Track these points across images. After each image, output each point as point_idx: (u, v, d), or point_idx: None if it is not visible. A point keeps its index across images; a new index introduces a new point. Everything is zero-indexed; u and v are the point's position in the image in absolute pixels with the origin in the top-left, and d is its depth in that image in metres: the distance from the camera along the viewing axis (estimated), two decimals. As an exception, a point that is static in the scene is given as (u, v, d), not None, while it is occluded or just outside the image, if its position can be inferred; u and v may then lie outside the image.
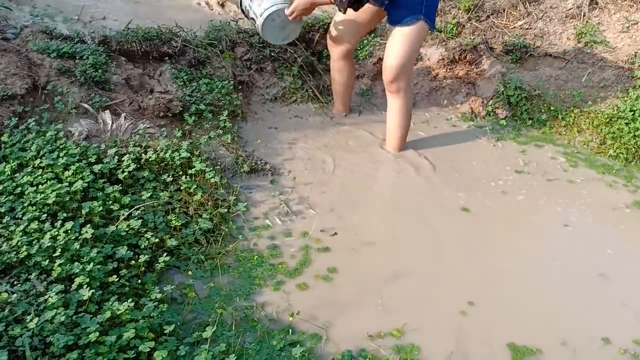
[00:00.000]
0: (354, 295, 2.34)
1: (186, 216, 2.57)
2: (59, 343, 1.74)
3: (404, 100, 3.19)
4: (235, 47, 3.73)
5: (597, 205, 3.08)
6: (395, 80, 3.11)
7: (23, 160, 2.59)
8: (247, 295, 2.28)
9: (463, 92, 4.00)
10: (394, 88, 3.15)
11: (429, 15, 2.96)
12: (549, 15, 4.25)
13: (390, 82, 3.13)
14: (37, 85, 2.98)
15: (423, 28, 2.98)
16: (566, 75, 3.95)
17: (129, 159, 2.67)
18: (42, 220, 2.26)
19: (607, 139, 3.61)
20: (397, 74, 3.08)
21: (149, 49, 3.48)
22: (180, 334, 2.01)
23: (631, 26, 4.10)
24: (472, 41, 4.02)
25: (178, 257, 2.39)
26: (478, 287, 2.44)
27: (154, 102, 3.09)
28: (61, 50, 3.14)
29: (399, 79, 3.11)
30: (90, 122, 2.92)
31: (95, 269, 2.05)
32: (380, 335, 2.15)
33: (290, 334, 2.11)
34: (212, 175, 2.75)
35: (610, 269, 2.62)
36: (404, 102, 3.19)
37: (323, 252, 2.56)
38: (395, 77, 3.10)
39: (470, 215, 2.90)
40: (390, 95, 3.21)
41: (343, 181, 3.06)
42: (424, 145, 3.46)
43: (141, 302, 2.02)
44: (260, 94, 3.72)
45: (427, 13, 2.95)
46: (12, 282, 2.01)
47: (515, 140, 3.65)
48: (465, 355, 2.11)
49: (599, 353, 2.19)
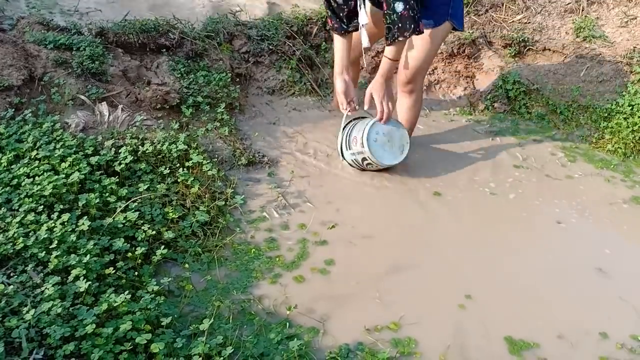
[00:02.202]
0: (352, 288, 2.34)
1: (183, 208, 2.56)
2: (56, 335, 1.73)
3: (416, 99, 3.13)
4: (233, 40, 3.71)
5: (594, 201, 3.08)
6: (412, 82, 3.02)
7: (19, 151, 2.58)
8: (244, 288, 2.27)
9: (461, 86, 3.99)
10: (408, 89, 3.06)
11: (455, 15, 2.88)
12: (547, 10, 4.24)
13: (407, 83, 3.03)
14: (33, 76, 2.97)
15: (448, 28, 2.92)
16: (565, 69, 3.94)
17: (126, 151, 2.66)
18: (39, 212, 2.26)
19: (606, 133, 3.60)
20: (416, 75, 3.00)
21: (146, 40, 3.47)
22: (177, 326, 2.01)
23: (630, 21, 4.09)
24: (471, 35, 4.00)
25: (175, 250, 2.39)
26: (476, 280, 2.44)
27: (151, 94, 3.08)
28: (58, 42, 3.12)
29: (416, 80, 3.03)
30: (87, 113, 2.91)
31: (92, 261, 2.05)
32: (377, 329, 2.15)
33: (288, 327, 2.11)
34: (210, 167, 2.74)
35: (608, 263, 2.62)
36: (415, 102, 3.13)
37: (320, 245, 2.55)
38: (412, 79, 3.01)
39: (468, 209, 2.89)
40: (402, 95, 3.12)
41: (341, 174, 3.06)
42: (422, 139, 3.46)
43: (138, 295, 2.01)
44: (258, 87, 3.71)
45: (454, 14, 2.87)
46: (8, 273, 2.01)
47: (514, 134, 3.64)
48: (463, 348, 2.11)
49: (596, 347, 2.19)
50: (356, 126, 2.99)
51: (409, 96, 3.11)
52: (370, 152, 2.86)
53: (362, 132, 2.88)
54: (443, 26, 2.87)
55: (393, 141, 2.95)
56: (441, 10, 2.84)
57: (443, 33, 2.93)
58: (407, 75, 3.00)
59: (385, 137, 2.92)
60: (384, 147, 2.92)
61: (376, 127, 2.89)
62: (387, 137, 2.93)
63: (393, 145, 2.95)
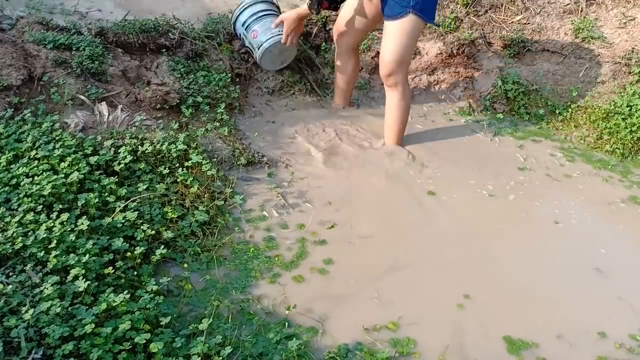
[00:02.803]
0: (351, 288, 2.34)
1: (182, 208, 2.56)
2: (55, 334, 1.73)
3: (402, 94, 3.17)
4: (233, 40, 3.71)
5: (592, 201, 3.08)
6: (391, 75, 3.10)
7: (19, 151, 2.58)
8: (243, 287, 2.28)
9: (461, 87, 4.00)
10: (390, 82, 3.14)
11: (420, 8, 2.90)
12: (546, 11, 4.24)
13: (387, 77, 3.12)
14: (33, 76, 2.97)
15: (414, 21, 2.94)
16: (564, 70, 3.95)
17: (125, 151, 2.66)
18: (38, 212, 2.26)
19: (604, 134, 3.61)
20: (392, 68, 3.07)
21: (146, 40, 3.46)
22: (176, 326, 2.01)
23: (628, 22, 4.09)
24: (470, 36, 4.01)
25: (174, 250, 2.39)
26: (474, 280, 2.44)
27: (151, 94, 3.08)
28: (57, 42, 3.12)
29: (395, 73, 3.09)
30: (86, 113, 2.91)
31: (91, 260, 2.05)
32: (376, 329, 2.15)
33: (287, 327, 2.11)
34: (209, 167, 2.74)
35: (606, 263, 2.63)
36: (401, 96, 3.18)
37: (319, 245, 2.55)
38: (390, 72, 3.08)
39: (467, 209, 2.89)
40: (388, 90, 3.20)
41: (340, 174, 3.06)
42: (421, 139, 3.46)
43: (137, 294, 2.01)
44: (258, 87, 3.71)
45: (417, 6, 2.88)
46: (7, 273, 2.01)
47: (513, 135, 3.64)
48: (461, 348, 2.11)
49: (595, 347, 2.19)
50: (262, 20, 3.37)
51: (393, 89, 3.17)
52: (261, 57, 3.37)
53: (265, 38, 3.32)
54: (408, 18, 2.92)
55: (282, 55, 3.43)
56: (403, 2, 2.90)
57: (411, 25, 2.95)
58: (384, 69, 3.11)
59: (279, 51, 3.39)
60: (271, 57, 3.42)
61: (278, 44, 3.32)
62: (279, 52, 3.40)
63: (279, 58, 3.45)
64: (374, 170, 3.12)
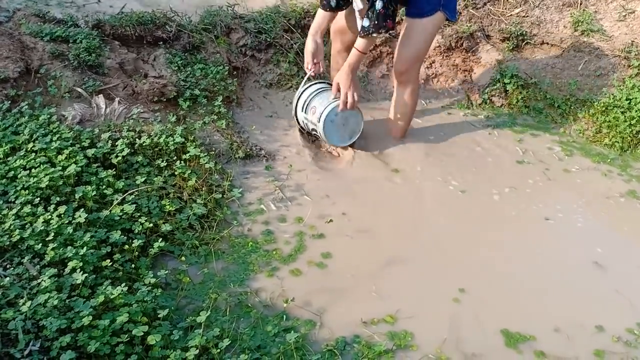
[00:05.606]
0: (348, 281, 2.34)
1: (180, 201, 2.56)
2: (52, 327, 1.74)
3: (412, 91, 3.15)
4: (231, 33, 3.70)
5: (591, 194, 3.08)
6: (407, 72, 3.07)
7: (16, 143, 2.57)
8: (241, 281, 2.28)
9: (459, 80, 3.99)
10: (404, 78, 3.10)
11: (447, 6, 2.90)
12: (545, 4, 4.22)
13: (402, 73, 3.08)
14: (30, 68, 2.96)
15: (441, 19, 2.95)
16: (562, 63, 3.94)
17: (122, 144, 2.65)
18: (35, 204, 2.25)
19: (603, 127, 3.60)
20: (410, 65, 3.04)
21: (143, 33, 3.45)
22: (174, 318, 2.01)
23: (628, 15, 4.08)
24: (469, 29, 3.99)
25: (172, 242, 2.38)
26: (472, 274, 2.44)
27: (148, 87, 3.07)
28: (54, 34, 3.11)
29: (411, 70, 3.07)
30: (83, 106, 2.90)
31: (88, 253, 2.05)
32: (374, 322, 2.16)
33: (285, 320, 2.11)
34: (207, 160, 2.73)
35: (604, 257, 2.63)
36: (411, 92, 3.15)
37: (317, 239, 2.55)
38: (407, 68, 3.05)
39: (464, 203, 2.89)
40: (399, 85, 3.16)
41: (338, 168, 3.05)
42: (420, 132, 3.45)
43: (135, 287, 2.02)
44: (256, 80, 3.69)
45: (446, 4, 2.89)
46: (5, 265, 2.01)
47: (511, 128, 3.64)
48: (459, 341, 2.12)
49: (592, 340, 2.20)
50: (319, 96, 3.08)
51: (404, 87, 3.14)
52: (323, 130, 3.00)
53: (323, 108, 2.99)
54: (436, 16, 2.90)
55: (347, 125, 3.07)
56: (433, 0, 2.87)
57: (436, 23, 2.96)
58: (401, 66, 3.05)
59: (342, 120, 3.04)
60: (337, 129, 3.05)
61: (337, 109, 2.97)
62: (344, 121, 3.05)
63: (346, 130, 3.08)
64: (371, 163, 3.11)
